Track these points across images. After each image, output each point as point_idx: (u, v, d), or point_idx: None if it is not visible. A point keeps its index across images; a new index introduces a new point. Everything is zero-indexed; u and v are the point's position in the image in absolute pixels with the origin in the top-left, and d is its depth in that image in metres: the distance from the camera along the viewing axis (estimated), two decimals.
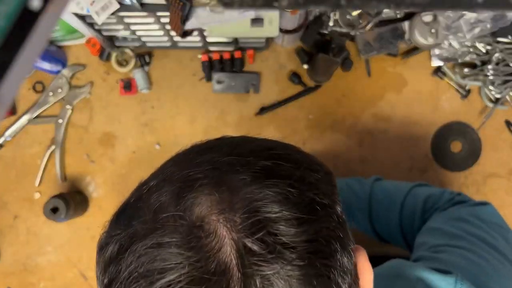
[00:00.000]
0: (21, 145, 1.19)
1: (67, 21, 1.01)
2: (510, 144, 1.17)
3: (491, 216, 0.77)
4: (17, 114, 1.19)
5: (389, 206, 0.89)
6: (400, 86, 1.17)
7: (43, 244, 1.19)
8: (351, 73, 1.17)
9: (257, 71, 1.18)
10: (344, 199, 0.94)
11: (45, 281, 1.19)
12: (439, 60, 1.15)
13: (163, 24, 1.02)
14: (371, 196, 0.91)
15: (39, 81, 1.19)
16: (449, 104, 1.17)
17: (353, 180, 0.97)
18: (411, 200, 0.87)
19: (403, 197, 0.88)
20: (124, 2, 0.90)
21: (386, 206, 0.90)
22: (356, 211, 0.94)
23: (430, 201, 0.85)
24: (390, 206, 0.89)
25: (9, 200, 1.19)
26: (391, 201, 0.89)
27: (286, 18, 1.01)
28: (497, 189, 1.17)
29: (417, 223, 0.84)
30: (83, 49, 1.18)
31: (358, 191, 0.94)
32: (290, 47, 1.17)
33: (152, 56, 1.18)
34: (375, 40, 1.12)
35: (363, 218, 0.93)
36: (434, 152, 1.17)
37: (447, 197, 0.85)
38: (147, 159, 1.18)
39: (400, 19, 1.13)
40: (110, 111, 1.18)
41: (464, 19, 1.06)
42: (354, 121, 1.17)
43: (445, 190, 0.88)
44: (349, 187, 0.95)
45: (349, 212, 0.95)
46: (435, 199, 0.85)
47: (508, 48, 1.12)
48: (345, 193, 0.94)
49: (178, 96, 1.18)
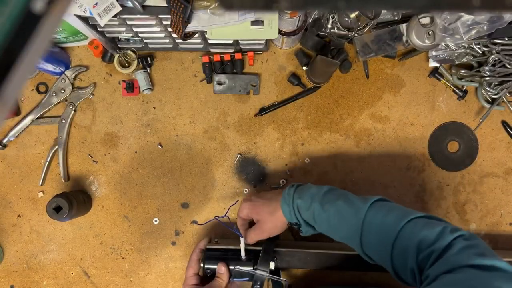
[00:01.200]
0: (24, 145, 1.20)
1: (70, 23, 1.03)
2: (506, 144, 1.18)
3: None
4: (21, 115, 1.20)
5: (381, 241, 0.87)
6: (398, 87, 1.19)
7: (46, 242, 1.21)
8: (350, 74, 1.19)
9: (257, 73, 1.19)
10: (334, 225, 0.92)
11: (48, 279, 1.21)
12: (436, 61, 1.16)
13: (164, 26, 1.04)
14: (363, 226, 0.88)
15: (43, 82, 1.20)
16: (446, 105, 1.18)
17: (347, 205, 0.92)
18: (403, 241, 0.83)
19: (395, 236, 0.84)
20: (126, 5, 0.92)
21: (377, 240, 0.87)
22: (348, 237, 0.92)
23: (424, 242, 0.81)
24: (381, 241, 0.86)
25: (13, 199, 1.21)
26: (383, 236, 0.86)
27: (285, 20, 1.02)
28: (493, 189, 1.18)
29: (411, 263, 0.81)
30: (86, 51, 1.20)
31: (351, 220, 0.90)
32: (289, 49, 1.19)
33: (154, 57, 1.20)
34: (373, 42, 1.14)
35: (355, 244, 0.91)
36: (431, 152, 1.18)
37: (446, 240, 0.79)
38: (149, 159, 1.20)
39: (398, 21, 1.14)
40: (112, 112, 1.20)
41: (461, 21, 1.07)
42: (352, 122, 1.19)
43: (445, 228, 0.82)
44: (341, 215, 0.92)
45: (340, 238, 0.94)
46: (430, 239, 0.81)
47: (504, 49, 1.13)
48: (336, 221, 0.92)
49: (179, 97, 1.20)
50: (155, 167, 1.20)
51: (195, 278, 1.05)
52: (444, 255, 0.77)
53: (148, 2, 0.92)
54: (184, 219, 1.20)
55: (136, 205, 1.20)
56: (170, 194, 1.20)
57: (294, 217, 0.97)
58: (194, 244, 1.19)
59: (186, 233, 1.20)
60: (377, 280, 1.17)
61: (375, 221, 0.88)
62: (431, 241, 0.80)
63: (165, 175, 1.20)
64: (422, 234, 0.82)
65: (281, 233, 1.16)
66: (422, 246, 0.81)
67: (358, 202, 0.92)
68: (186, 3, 0.88)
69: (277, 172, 1.19)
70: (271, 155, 1.19)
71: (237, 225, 1.07)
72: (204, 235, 1.19)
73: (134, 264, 1.20)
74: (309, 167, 1.19)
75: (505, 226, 1.19)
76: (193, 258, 1.07)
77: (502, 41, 1.12)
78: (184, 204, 1.20)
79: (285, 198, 0.98)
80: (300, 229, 1.00)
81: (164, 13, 0.94)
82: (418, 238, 0.82)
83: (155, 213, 1.20)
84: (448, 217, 1.18)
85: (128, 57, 1.18)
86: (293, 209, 0.96)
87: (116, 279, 1.20)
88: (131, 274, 1.20)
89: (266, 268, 1.01)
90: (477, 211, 1.19)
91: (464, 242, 0.79)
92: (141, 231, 1.20)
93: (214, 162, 1.20)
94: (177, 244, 1.20)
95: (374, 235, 0.87)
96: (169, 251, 1.20)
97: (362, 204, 0.91)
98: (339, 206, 0.92)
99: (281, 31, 1.07)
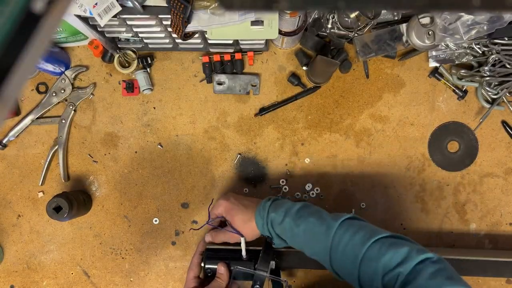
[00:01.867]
0: (24, 145, 1.20)
1: (70, 23, 1.03)
2: (506, 144, 1.18)
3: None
4: (21, 115, 1.20)
5: (348, 261, 0.87)
6: (398, 87, 1.19)
7: (46, 242, 1.21)
8: (350, 74, 1.19)
9: (257, 73, 1.19)
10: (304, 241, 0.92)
11: (48, 279, 1.21)
12: (436, 61, 1.16)
13: (164, 26, 1.04)
14: (331, 245, 0.89)
15: (43, 82, 1.20)
16: (446, 105, 1.18)
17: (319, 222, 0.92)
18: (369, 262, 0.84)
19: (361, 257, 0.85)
20: (126, 5, 0.92)
21: (344, 259, 0.88)
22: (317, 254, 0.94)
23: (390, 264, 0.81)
24: (349, 261, 0.87)
25: (13, 199, 1.21)
26: (349, 256, 0.86)
27: (285, 20, 1.02)
28: (493, 189, 1.18)
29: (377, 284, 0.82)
30: (86, 51, 1.20)
31: (322, 238, 0.91)
32: (289, 49, 1.19)
33: (154, 57, 1.20)
34: (373, 42, 1.14)
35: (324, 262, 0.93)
36: (431, 152, 1.18)
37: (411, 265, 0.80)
38: (149, 159, 1.20)
39: (398, 21, 1.14)
40: (112, 112, 1.20)
41: (461, 21, 1.07)
42: (352, 122, 1.19)
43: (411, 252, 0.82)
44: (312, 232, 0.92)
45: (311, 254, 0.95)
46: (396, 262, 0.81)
47: (504, 49, 1.13)
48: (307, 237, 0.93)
49: (179, 97, 1.20)
50: (155, 167, 1.20)
51: (196, 281, 1.05)
52: (416, 280, 0.77)
53: (148, 2, 0.92)
54: (184, 219, 1.20)
55: (136, 205, 1.20)
56: (170, 194, 1.20)
57: (266, 230, 0.99)
58: (194, 244, 1.19)
59: (186, 233, 1.20)
60: None
61: (343, 241, 0.88)
62: (396, 262, 0.81)
63: (165, 175, 1.20)
64: (388, 256, 0.82)
65: None
66: (387, 267, 0.81)
67: (329, 219, 0.92)
68: (186, 3, 0.88)
69: (277, 172, 1.19)
70: (271, 155, 1.19)
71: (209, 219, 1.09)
72: (204, 235, 1.19)
73: (134, 264, 1.20)
74: (309, 167, 1.19)
75: (505, 226, 1.19)
76: (194, 261, 1.07)
77: (502, 41, 1.12)
78: (184, 204, 1.20)
79: (260, 211, 0.99)
80: (272, 241, 1.01)
81: (164, 13, 0.94)
82: (384, 259, 0.82)
83: (155, 213, 1.20)
84: (448, 217, 1.19)
85: (128, 57, 1.18)
86: (266, 223, 0.98)
87: (116, 279, 1.20)
88: (131, 274, 1.20)
89: (266, 268, 1.01)
90: (477, 211, 1.19)
91: (433, 265, 0.79)
92: (141, 231, 1.20)
93: (214, 162, 1.20)
94: (177, 244, 1.20)
95: (341, 254, 0.88)
96: (169, 251, 1.20)
97: (332, 222, 0.91)
98: (311, 223, 0.93)
99: (281, 31, 1.07)
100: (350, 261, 0.86)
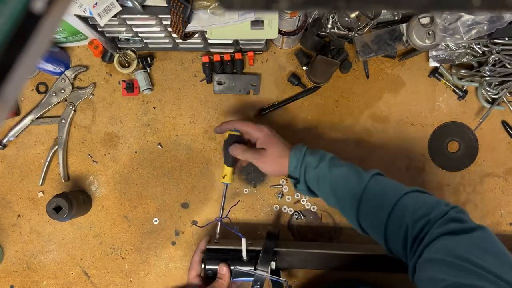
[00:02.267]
0: (24, 145, 1.20)
1: (70, 23, 1.03)
2: (506, 144, 1.18)
3: (492, 244, 0.77)
4: (21, 115, 1.20)
5: (378, 209, 0.89)
6: (398, 87, 1.18)
7: (46, 242, 1.21)
8: (350, 74, 1.19)
9: (257, 73, 1.19)
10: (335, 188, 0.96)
11: (48, 279, 1.21)
12: (436, 61, 1.16)
13: (164, 26, 1.04)
14: (363, 193, 0.91)
15: (42, 82, 1.20)
16: (446, 105, 1.18)
17: (352, 171, 0.95)
18: (400, 210, 0.86)
19: (393, 205, 0.87)
20: (126, 5, 0.92)
21: (375, 208, 0.90)
22: (346, 202, 0.95)
23: (420, 211, 0.84)
24: (379, 209, 0.89)
25: (13, 199, 1.21)
26: (380, 205, 0.89)
27: (285, 20, 1.02)
28: (493, 189, 1.18)
29: (404, 232, 0.84)
30: (85, 51, 1.20)
31: (354, 185, 0.93)
32: (289, 49, 1.19)
33: (154, 57, 1.20)
34: (373, 42, 1.14)
35: (351, 210, 0.94)
36: (431, 152, 1.18)
37: (441, 210, 0.83)
38: (149, 159, 1.20)
39: (398, 21, 1.14)
40: (112, 112, 1.20)
41: (461, 20, 1.07)
42: (352, 122, 1.19)
43: (439, 201, 0.86)
44: (345, 179, 0.95)
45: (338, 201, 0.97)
46: (426, 209, 0.84)
47: (504, 49, 1.13)
48: (339, 183, 0.95)
49: (179, 97, 1.20)
50: (155, 167, 1.20)
51: (197, 280, 1.05)
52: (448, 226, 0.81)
53: (148, 2, 0.92)
54: (184, 219, 1.20)
55: (136, 205, 1.20)
56: (170, 194, 1.20)
57: (297, 172, 0.99)
58: (194, 244, 1.19)
59: (186, 233, 1.20)
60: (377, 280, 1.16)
61: (375, 190, 0.91)
62: (426, 211, 0.83)
63: (165, 175, 1.20)
64: (418, 204, 0.86)
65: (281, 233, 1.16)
66: (418, 215, 0.83)
67: (361, 171, 0.96)
68: (186, 3, 0.88)
69: None
70: None
71: (235, 124, 1.07)
72: (204, 235, 1.19)
73: (134, 264, 1.20)
74: None
75: (505, 226, 1.19)
76: (194, 260, 1.07)
77: (502, 41, 1.12)
78: (184, 204, 1.20)
79: (296, 153, 1.00)
80: (295, 185, 1.02)
81: (164, 13, 0.94)
82: (415, 208, 0.85)
83: (155, 213, 1.20)
84: None
85: (128, 57, 1.18)
86: (300, 165, 0.99)
87: (116, 279, 1.20)
88: (131, 274, 1.20)
89: (267, 268, 1.01)
90: (477, 211, 1.18)
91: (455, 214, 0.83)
92: (141, 231, 1.20)
93: (214, 162, 1.20)
94: (177, 244, 1.20)
95: (373, 202, 0.91)
96: (169, 251, 1.20)
97: (365, 173, 0.94)
98: (344, 171, 0.95)
99: (281, 31, 1.07)
100: (380, 209, 0.89)
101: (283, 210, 1.19)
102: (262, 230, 1.19)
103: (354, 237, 1.18)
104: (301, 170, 0.98)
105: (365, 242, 1.17)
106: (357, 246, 1.15)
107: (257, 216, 1.20)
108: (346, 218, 0.97)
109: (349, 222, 0.97)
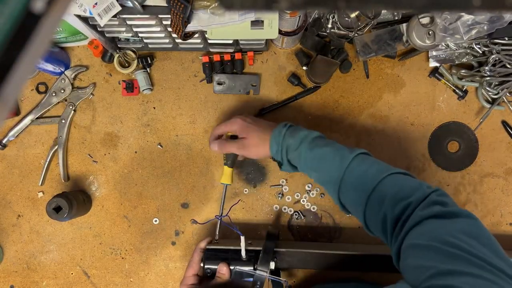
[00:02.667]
0: (24, 145, 1.20)
1: (70, 23, 1.03)
2: (506, 144, 1.18)
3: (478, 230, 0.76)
4: (21, 115, 1.20)
5: (358, 190, 0.89)
6: (398, 87, 1.18)
7: (46, 242, 1.21)
8: (350, 74, 1.19)
9: (257, 73, 1.19)
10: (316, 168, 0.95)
11: (48, 279, 1.21)
12: (436, 61, 1.16)
13: (164, 26, 1.04)
14: (344, 174, 0.91)
15: (42, 82, 1.20)
16: (446, 105, 1.18)
17: (334, 151, 0.94)
18: (381, 191, 0.86)
19: (373, 187, 0.86)
20: (126, 4, 0.92)
21: (355, 189, 0.90)
22: (327, 183, 0.95)
23: (401, 193, 0.83)
24: (359, 191, 0.89)
25: (13, 199, 1.21)
26: (361, 186, 0.88)
27: (285, 20, 1.02)
28: (493, 189, 1.18)
29: (383, 213, 0.83)
30: (85, 51, 1.20)
31: (335, 166, 0.92)
32: (289, 48, 1.19)
33: (154, 57, 1.20)
34: (373, 42, 1.14)
35: (333, 191, 0.94)
36: (431, 152, 1.18)
37: (424, 192, 0.82)
38: (149, 159, 1.20)
39: (398, 21, 1.14)
40: (112, 112, 1.20)
41: (461, 20, 1.07)
42: (352, 122, 1.19)
43: (422, 183, 0.85)
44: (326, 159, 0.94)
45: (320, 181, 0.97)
46: (408, 191, 0.83)
47: (504, 49, 1.13)
48: (320, 164, 0.95)
49: (179, 97, 1.20)
50: (155, 167, 1.20)
51: (194, 278, 1.05)
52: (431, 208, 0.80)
53: (148, 2, 0.92)
54: (184, 219, 1.20)
55: (136, 205, 1.20)
56: (170, 194, 1.20)
57: (279, 156, 1.00)
58: (194, 244, 1.19)
59: (186, 233, 1.20)
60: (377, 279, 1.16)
61: (357, 170, 0.90)
62: (408, 194, 0.83)
63: (165, 175, 1.20)
64: (399, 186, 0.85)
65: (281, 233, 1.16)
66: (398, 197, 0.83)
67: (344, 151, 0.94)
68: (186, 3, 0.88)
69: (277, 172, 1.19)
70: None
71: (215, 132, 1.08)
72: (204, 235, 1.19)
73: (134, 264, 1.20)
74: None
75: (505, 226, 1.19)
76: (194, 258, 1.07)
77: (502, 41, 1.12)
78: (184, 204, 1.20)
79: (276, 136, 1.00)
80: (280, 166, 1.03)
81: (164, 13, 0.94)
82: (395, 190, 0.84)
83: (155, 213, 1.20)
84: None
85: (128, 57, 1.18)
86: (281, 149, 0.99)
87: (116, 279, 1.20)
88: (131, 274, 1.20)
89: (266, 268, 1.01)
90: (477, 211, 1.18)
91: (437, 197, 0.82)
92: (141, 231, 1.20)
93: (214, 162, 1.20)
94: (177, 244, 1.20)
95: (354, 180, 0.90)
96: (169, 251, 1.20)
97: (348, 153, 0.93)
98: (326, 151, 0.94)
99: (281, 31, 1.07)
100: (361, 189, 0.88)
101: (283, 210, 1.19)
102: (262, 230, 1.19)
103: (354, 237, 1.18)
104: (282, 153, 0.99)
105: (365, 242, 1.17)
106: (357, 246, 1.15)
107: (257, 216, 1.20)
108: (331, 196, 0.96)
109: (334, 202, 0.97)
